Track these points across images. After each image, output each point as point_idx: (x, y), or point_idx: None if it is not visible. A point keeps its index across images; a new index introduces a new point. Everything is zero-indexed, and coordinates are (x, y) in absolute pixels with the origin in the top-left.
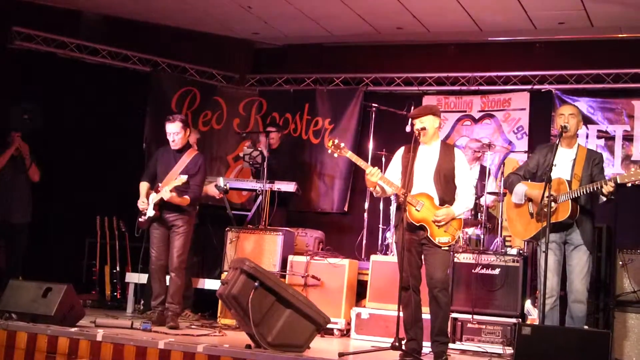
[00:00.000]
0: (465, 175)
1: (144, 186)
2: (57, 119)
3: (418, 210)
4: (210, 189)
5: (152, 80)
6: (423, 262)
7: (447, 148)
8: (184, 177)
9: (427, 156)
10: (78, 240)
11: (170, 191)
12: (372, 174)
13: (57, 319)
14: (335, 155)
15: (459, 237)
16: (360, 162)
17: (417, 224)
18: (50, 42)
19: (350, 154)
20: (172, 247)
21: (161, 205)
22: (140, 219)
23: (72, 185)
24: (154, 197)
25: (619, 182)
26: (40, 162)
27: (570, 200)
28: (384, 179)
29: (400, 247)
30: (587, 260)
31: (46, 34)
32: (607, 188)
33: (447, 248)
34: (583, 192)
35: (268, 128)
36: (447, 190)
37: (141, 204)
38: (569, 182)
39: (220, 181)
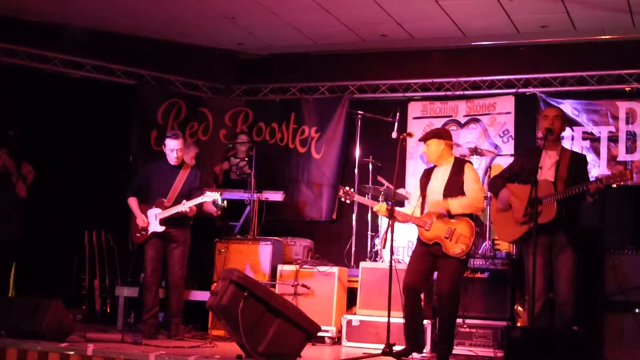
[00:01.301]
0: (473, 186)
1: (135, 202)
2: (42, 134)
3: (427, 230)
4: (208, 206)
5: (137, 93)
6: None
7: (459, 164)
8: (216, 194)
9: (440, 176)
10: (66, 255)
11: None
12: (377, 210)
13: (46, 334)
14: (348, 202)
15: (473, 243)
16: (366, 202)
17: (431, 243)
18: (34, 57)
19: (357, 197)
20: (172, 265)
21: (166, 221)
22: (138, 234)
23: (59, 200)
24: (160, 212)
25: (604, 183)
26: (25, 177)
27: (555, 202)
28: (392, 211)
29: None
30: (574, 262)
31: (29, 49)
32: (594, 186)
33: (463, 258)
34: (569, 193)
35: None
36: None
37: (142, 221)
38: (554, 184)
39: (219, 199)
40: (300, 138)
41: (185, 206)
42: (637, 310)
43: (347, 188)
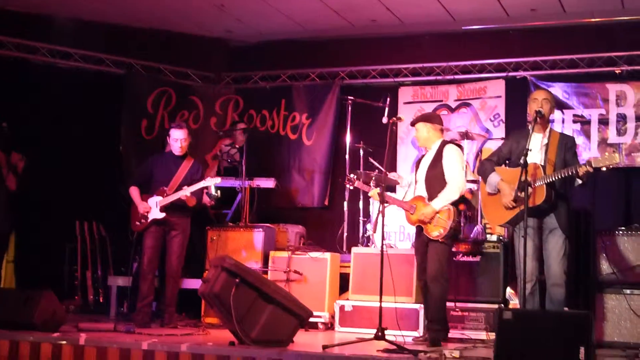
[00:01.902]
0: (451, 169)
1: (136, 191)
2: (31, 125)
3: (412, 214)
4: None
5: (126, 82)
6: None
7: (441, 147)
8: (218, 179)
9: (427, 160)
10: (58, 246)
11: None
12: (372, 195)
13: (38, 325)
14: (351, 187)
15: (452, 227)
16: (365, 188)
17: (416, 227)
18: (22, 48)
19: (357, 184)
20: (171, 253)
21: (167, 207)
22: (137, 222)
23: (49, 191)
24: (162, 200)
25: (593, 166)
26: (16, 166)
27: (545, 185)
28: (382, 196)
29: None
30: (564, 244)
31: (17, 40)
32: (583, 169)
33: (442, 240)
34: (558, 176)
35: (239, 125)
36: (437, 187)
37: (143, 208)
38: (544, 167)
39: (212, 189)
40: (291, 125)
41: (187, 191)
42: (628, 291)
43: (352, 175)
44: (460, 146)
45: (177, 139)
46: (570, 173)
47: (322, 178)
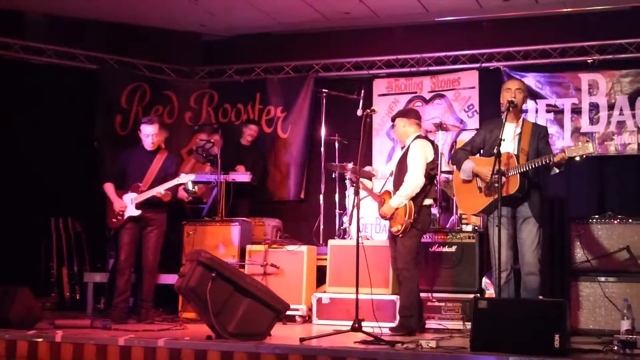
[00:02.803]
0: (411, 165)
1: (111, 187)
2: (4, 121)
3: (380, 207)
4: (180, 192)
5: (100, 77)
6: None
7: (411, 142)
8: (192, 176)
9: (398, 154)
10: (34, 243)
11: (165, 190)
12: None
13: (14, 322)
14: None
15: (411, 223)
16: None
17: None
18: None
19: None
20: (146, 248)
21: (142, 204)
22: (114, 219)
23: (24, 188)
24: (136, 197)
25: (567, 155)
26: None
27: (518, 175)
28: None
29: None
30: (537, 233)
31: None
32: (558, 157)
33: (402, 236)
34: (532, 166)
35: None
36: (400, 183)
37: (119, 205)
38: (517, 157)
39: (189, 184)
40: (266, 118)
41: (161, 188)
42: (602, 279)
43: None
44: (431, 141)
45: (149, 135)
46: (543, 162)
47: (297, 171)
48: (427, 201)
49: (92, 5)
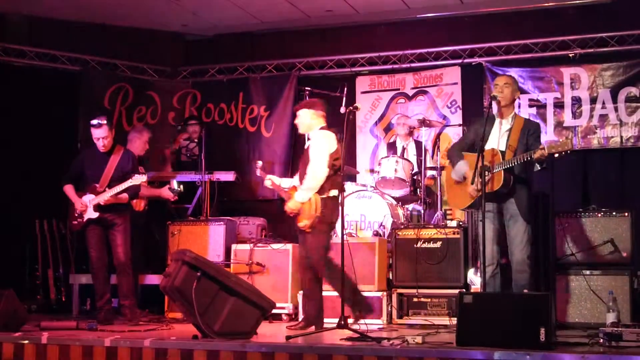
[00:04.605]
0: (313, 157)
1: (70, 189)
2: None
3: (288, 202)
4: (164, 192)
5: (82, 79)
6: None
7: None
8: (144, 177)
9: (304, 147)
10: (18, 245)
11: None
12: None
13: None
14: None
15: (319, 217)
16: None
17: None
18: None
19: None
20: (115, 246)
21: (100, 206)
22: (74, 222)
23: (6, 190)
24: (93, 199)
25: (547, 152)
26: None
27: (503, 171)
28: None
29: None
30: (525, 230)
31: None
32: (538, 153)
33: (309, 231)
34: (515, 162)
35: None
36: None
37: (80, 206)
38: (503, 153)
39: (174, 184)
40: (249, 117)
41: (110, 193)
42: (587, 272)
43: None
44: (335, 133)
45: (99, 138)
46: (526, 159)
47: (282, 169)
48: (333, 192)
49: (72, 7)
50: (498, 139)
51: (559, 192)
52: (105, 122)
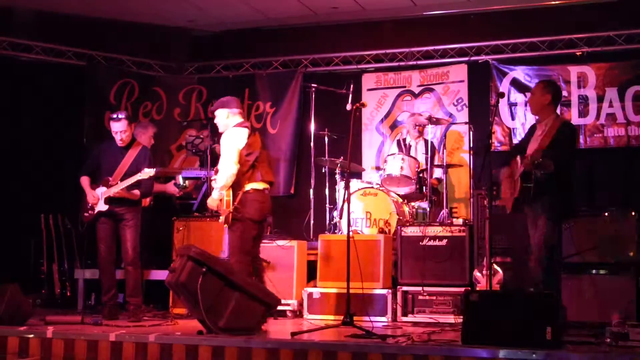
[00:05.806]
0: (221, 156)
1: (86, 181)
2: None
3: None
4: (170, 187)
5: (88, 74)
6: None
7: None
8: (152, 171)
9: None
10: (23, 240)
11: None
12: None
13: (4, 319)
14: None
15: (232, 213)
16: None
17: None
18: None
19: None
20: (124, 241)
21: (111, 199)
22: (86, 214)
23: (12, 185)
24: (105, 191)
25: (529, 164)
26: None
27: (519, 178)
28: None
29: None
30: (546, 230)
31: None
32: (524, 163)
33: (226, 226)
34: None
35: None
36: None
37: (92, 198)
38: (531, 156)
39: (180, 179)
40: (255, 114)
41: (120, 186)
42: (593, 271)
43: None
44: (248, 128)
45: (117, 132)
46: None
47: (287, 166)
48: (249, 186)
49: (79, 2)
50: (534, 144)
51: None
52: (124, 116)
